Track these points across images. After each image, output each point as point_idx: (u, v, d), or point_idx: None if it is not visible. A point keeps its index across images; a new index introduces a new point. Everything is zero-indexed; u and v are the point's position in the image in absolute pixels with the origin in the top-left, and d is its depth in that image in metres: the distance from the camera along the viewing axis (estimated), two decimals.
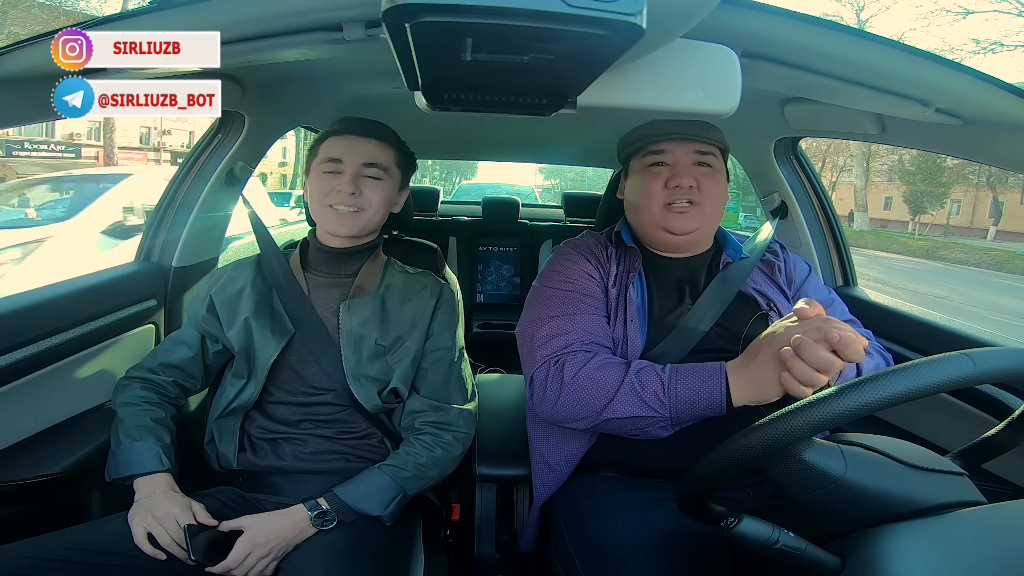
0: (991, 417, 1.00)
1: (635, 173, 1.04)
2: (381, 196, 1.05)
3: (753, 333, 0.96)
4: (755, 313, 0.99)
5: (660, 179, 0.99)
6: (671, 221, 0.99)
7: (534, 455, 1.08)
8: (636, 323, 0.98)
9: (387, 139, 1.07)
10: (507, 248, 2.73)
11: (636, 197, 1.03)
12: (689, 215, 0.98)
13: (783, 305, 1.02)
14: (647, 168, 1.01)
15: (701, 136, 0.98)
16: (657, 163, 1.00)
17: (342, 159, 1.02)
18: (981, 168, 16.86)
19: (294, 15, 0.71)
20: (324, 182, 1.02)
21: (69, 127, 19.36)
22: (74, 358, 1.10)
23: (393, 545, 0.96)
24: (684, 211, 0.98)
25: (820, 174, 1.74)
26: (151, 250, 1.40)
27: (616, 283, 1.02)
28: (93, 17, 0.83)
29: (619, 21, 0.45)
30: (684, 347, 0.96)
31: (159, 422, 0.98)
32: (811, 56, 0.81)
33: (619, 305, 1.00)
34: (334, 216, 1.02)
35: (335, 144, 1.04)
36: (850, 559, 0.54)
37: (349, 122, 1.06)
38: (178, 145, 21.82)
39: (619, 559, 0.82)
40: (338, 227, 1.03)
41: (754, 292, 1.02)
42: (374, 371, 1.02)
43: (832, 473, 0.56)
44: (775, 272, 1.06)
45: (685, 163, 0.98)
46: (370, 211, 1.04)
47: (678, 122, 0.98)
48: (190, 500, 0.90)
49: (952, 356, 0.52)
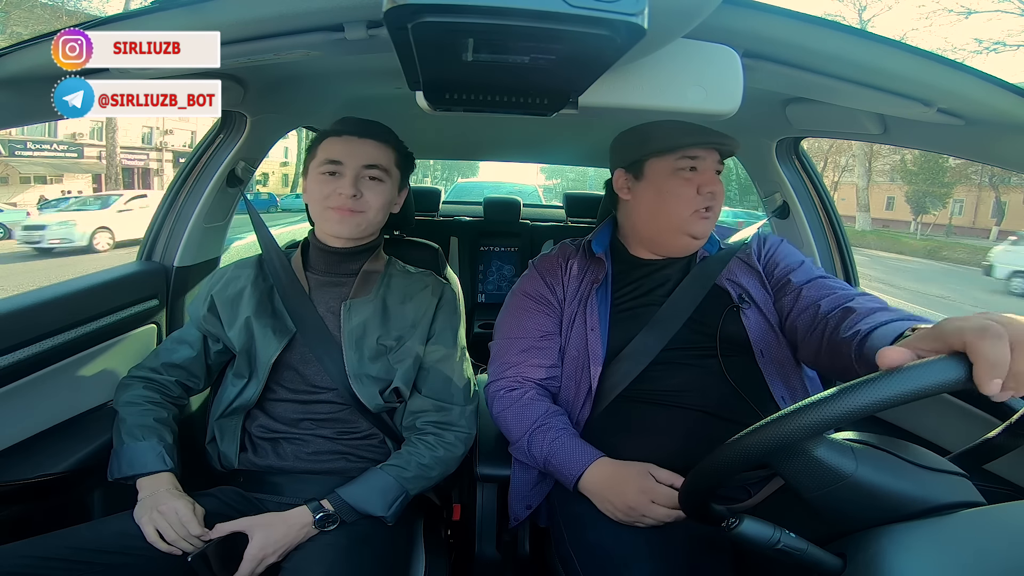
0: (992, 418, 1.00)
1: (657, 176, 1.01)
2: (381, 198, 1.04)
3: (728, 326, 0.97)
4: (727, 307, 1.00)
5: (692, 184, 0.99)
6: (696, 226, 1.00)
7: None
8: (597, 332, 1.01)
9: (386, 140, 1.06)
10: (508, 248, 2.72)
11: (659, 200, 1.01)
12: (710, 220, 1.02)
13: (757, 293, 1.02)
14: (676, 172, 1.00)
15: (728, 145, 1.00)
16: (692, 167, 1.00)
17: (342, 161, 1.01)
18: (984, 168, 16.80)
19: (295, 15, 0.71)
20: (324, 184, 1.01)
21: (71, 127, 19.43)
22: (76, 358, 1.11)
23: (394, 545, 0.96)
24: (707, 217, 1.01)
25: (822, 174, 1.73)
26: (153, 250, 1.40)
27: (576, 296, 1.06)
28: (95, 17, 0.83)
29: (620, 21, 0.45)
30: (658, 343, 0.98)
31: (161, 422, 0.98)
32: (813, 56, 0.81)
33: (577, 318, 1.04)
34: (335, 218, 1.02)
35: (334, 145, 1.03)
36: (851, 560, 0.53)
37: (348, 123, 1.05)
38: (180, 145, 21.87)
39: (619, 560, 0.82)
40: (339, 229, 1.03)
41: (727, 284, 1.03)
42: (376, 371, 1.02)
43: (842, 470, 0.55)
44: (751, 257, 1.07)
45: (711, 170, 1.00)
46: (370, 213, 1.03)
47: (705, 129, 0.99)
48: (193, 500, 0.91)
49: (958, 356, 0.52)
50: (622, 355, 0.99)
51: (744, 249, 1.08)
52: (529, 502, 1.05)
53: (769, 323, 1.01)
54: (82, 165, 19.95)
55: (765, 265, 1.06)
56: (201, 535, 0.86)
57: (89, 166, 19.97)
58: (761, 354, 0.98)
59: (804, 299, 0.96)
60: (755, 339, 0.98)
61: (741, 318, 0.99)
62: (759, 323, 1.00)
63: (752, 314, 1.00)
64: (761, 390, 0.97)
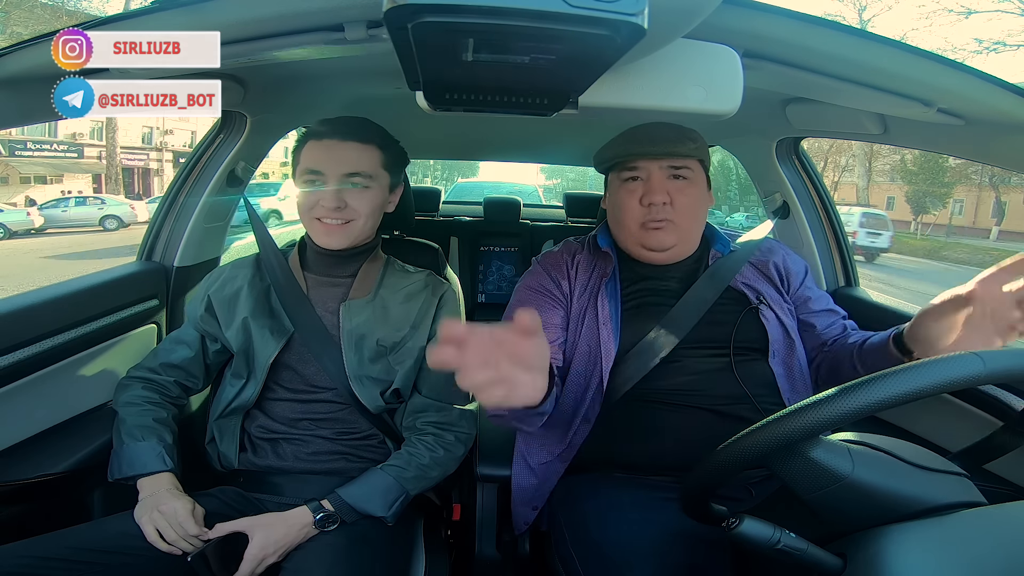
0: (993, 418, 1.00)
1: (613, 187, 1.05)
2: (369, 204, 1.01)
3: (744, 327, 0.98)
4: (745, 307, 1.00)
5: (635, 195, 0.99)
6: (648, 238, 1.00)
7: (516, 453, 1.10)
8: (609, 327, 0.99)
9: (369, 140, 1.01)
10: (508, 248, 2.72)
11: (615, 212, 1.04)
12: (665, 231, 0.99)
13: (774, 299, 1.03)
14: (623, 184, 1.01)
15: (672, 152, 0.98)
16: (632, 178, 1.00)
17: (322, 171, 0.97)
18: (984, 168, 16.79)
19: (295, 15, 0.71)
20: (307, 195, 0.98)
21: (71, 127, 19.43)
22: (76, 358, 1.11)
23: (394, 545, 0.96)
24: (659, 227, 0.99)
25: (822, 174, 1.73)
26: (153, 250, 1.40)
27: (585, 291, 1.04)
28: (95, 17, 0.83)
29: (620, 21, 0.45)
30: (670, 340, 0.97)
31: (161, 422, 0.98)
32: (813, 56, 0.81)
33: (588, 312, 1.02)
34: (322, 229, 1.00)
35: (314, 152, 0.99)
36: (851, 560, 0.53)
37: (330, 124, 1.00)
38: (180, 145, 21.87)
39: (620, 560, 0.82)
40: (327, 240, 1.01)
41: (743, 287, 1.02)
42: (376, 371, 1.02)
43: (839, 472, 0.55)
44: (768, 268, 1.07)
45: (659, 178, 0.98)
46: (359, 220, 1.00)
47: (651, 137, 0.98)
48: (193, 500, 0.90)
49: (962, 355, 0.52)
50: (633, 351, 0.98)
51: (756, 255, 1.08)
52: (535, 503, 1.05)
53: (784, 327, 1.01)
54: (82, 165, 19.95)
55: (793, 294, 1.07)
56: (199, 535, 0.86)
57: (89, 166, 19.97)
58: (774, 355, 0.99)
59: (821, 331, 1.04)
60: (772, 338, 0.99)
61: (761, 319, 1.00)
62: (776, 325, 1.01)
63: (770, 315, 1.01)
64: (772, 391, 0.97)
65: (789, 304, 1.06)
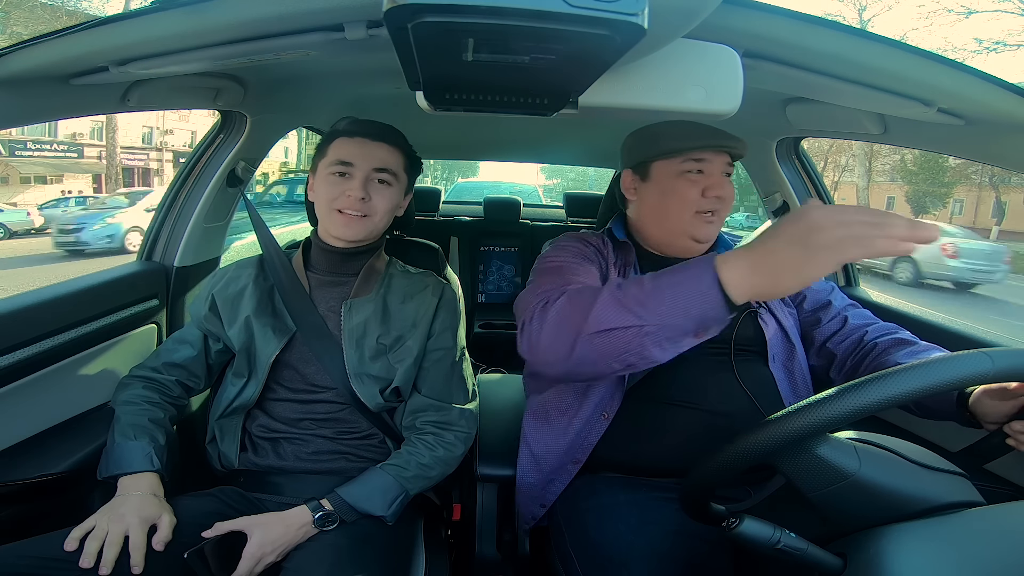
0: None
1: (662, 178, 1.02)
2: (389, 202, 1.04)
3: (743, 329, 0.97)
4: (744, 310, 1.00)
5: (697, 186, 0.99)
6: (699, 228, 1.00)
7: (522, 447, 1.09)
8: None
9: (398, 144, 1.06)
10: (508, 248, 2.72)
11: (662, 202, 1.02)
12: (715, 224, 1.01)
13: (774, 303, 1.04)
14: (682, 174, 0.99)
15: (736, 148, 0.99)
16: (696, 170, 0.99)
17: (353, 163, 1.00)
18: (984, 168, 16.78)
19: (295, 15, 0.71)
20: (333, 185, 1.01)
21: (71, 127, 19.45)
22: (76, 358, 1.11)
23: (394, 545, 0.96)
24: (712, 220, 1.00)
25: (822, 173, 1.73)
26: (153, 250, 1.40)
27: (617, 272, 1.03)
28: (95, 17, 0.83)
29: (621, 21, 0.45)
30: None
31: (156, 422, 0.97)
32: (813, 56, 0.81)
33: None
34: (341, 220, 1.01)
35: (346, 146, 1.02)
36: (851, 559, 0.53)
37: (361, 124, 1.04)
38: (180, 145, 21.89)
39: (619, 560, 0.82)
40: (344, 231, 1.02)
41: None
42: (376, 370, 1.02)
43: (846, 469, 0.55)
44: None
45: (718, 173, 0.99)
46: (376, 217, 1.03)
47: (714, 131, 0.98)
48: (165, 511, 0.85)
49: (971, 354, 0.52)
50: None
51: None
52: (544, 501, 1.04)
53: (784, 330, 1.01)
54: (82, 165, 19.97)
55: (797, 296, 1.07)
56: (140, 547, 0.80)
57: (89, 166, 19.99)
58: (773, 359, 0.99)
59: (850, 326, 1.03)
60: (770, 341, 0.99)
61: (759, 321, 1.00)
62: (775, 328, 1.01)
63: (769, 319, 1.01)
64: (771, 393, 0.97)
65: (791, 308, 1.06)
